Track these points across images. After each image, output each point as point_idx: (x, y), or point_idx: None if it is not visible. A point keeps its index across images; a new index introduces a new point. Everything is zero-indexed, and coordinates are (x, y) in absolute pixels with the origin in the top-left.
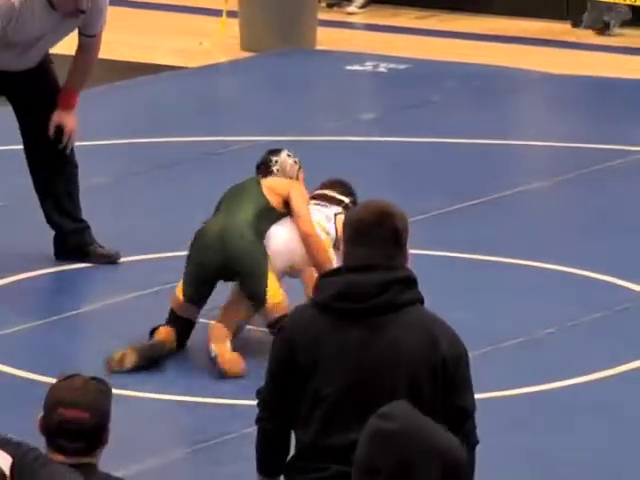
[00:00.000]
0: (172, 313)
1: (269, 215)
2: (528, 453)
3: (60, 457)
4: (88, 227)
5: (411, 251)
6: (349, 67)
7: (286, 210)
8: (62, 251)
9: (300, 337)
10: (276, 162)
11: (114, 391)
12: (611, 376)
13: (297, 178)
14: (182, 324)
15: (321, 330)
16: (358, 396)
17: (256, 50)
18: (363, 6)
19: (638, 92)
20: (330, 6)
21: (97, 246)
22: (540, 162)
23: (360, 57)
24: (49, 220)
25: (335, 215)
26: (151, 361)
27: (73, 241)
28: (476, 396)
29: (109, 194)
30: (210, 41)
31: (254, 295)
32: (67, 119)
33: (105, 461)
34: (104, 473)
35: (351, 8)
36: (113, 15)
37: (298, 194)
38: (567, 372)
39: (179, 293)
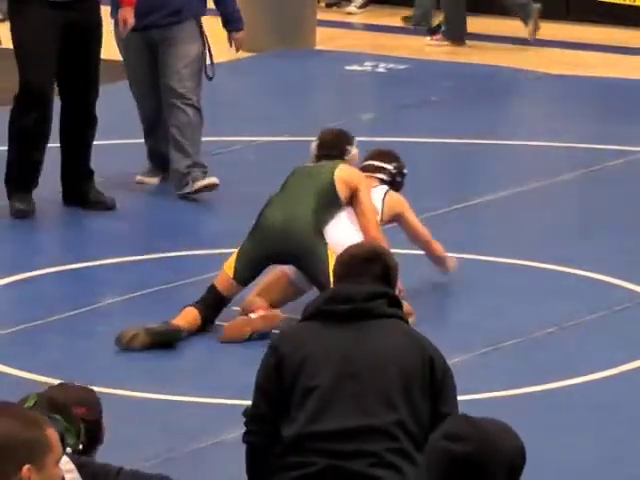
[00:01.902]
0: (212, 290)
1: (333, 206)
2: (527, 453)
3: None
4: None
5: (411, 251)
6: (348, 67)
7: (349, 202)
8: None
9: (286, 343)
10: (348, 152)
11: (114, 391)
12: (611, 376)
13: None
14: (217, 303)
15: (308, 333)
16: (347, 385)
17: (255, 50)
18: (362, 6)
19: (638, 92)
20: (329, 6)
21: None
22: (539, 162)
23: (359, 57)
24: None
25: (385, 194)
26: (162, 346)
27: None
28: (476, 396)
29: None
30: (209, 41)
31: (320, 286)
32: (129, 15)
33: (103, 460)
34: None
35: (350, 8)
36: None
37: (367, 192)
38: (567, 372)
39: (228, 270)
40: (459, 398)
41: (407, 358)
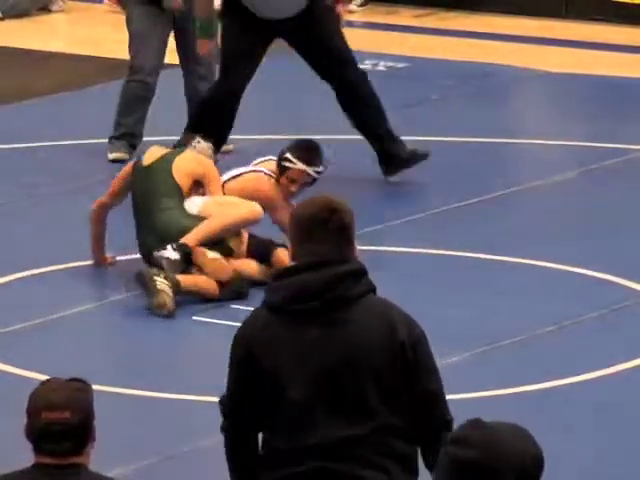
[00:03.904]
0: None
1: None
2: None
3: (49, 459)
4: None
5: (411, 250)
6: None
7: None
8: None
9: (257, 343)
10: (198, 142)
11: (115, 390)
12: (611, 375)
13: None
14: None
15: (278, 334)
16: (324, 395)
17: None
18: (362, 4)
19: (638, 91)
20: None
21: None
22: (540, 161)
23: (359, 55)
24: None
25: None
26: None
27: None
28: (475, 395)
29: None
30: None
31: None
32: None
33: (104, 460)
34: (95, 473)
35: (350, 6)
36: (112, 14)
37: (214, 176)
38: (567, 371)
39: None
40: (459, 397)
41: (379, 352)
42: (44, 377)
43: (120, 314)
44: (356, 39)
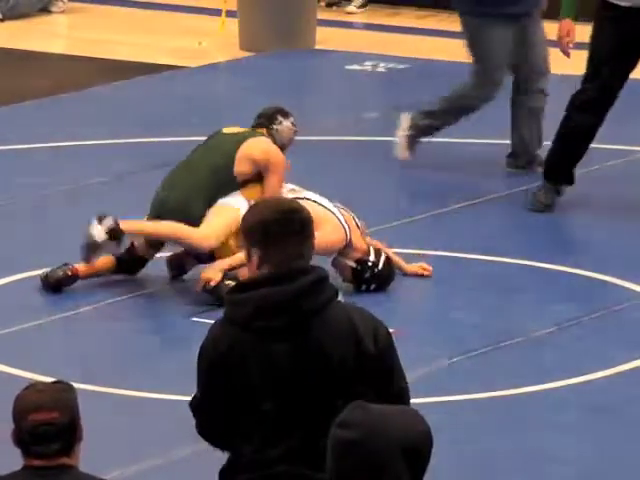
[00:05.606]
0: (129, 246)
1: (226, 188)
2: (527, 453)
3: (38, 462)
4: None
5: (411, 251)
6: (348, 67)
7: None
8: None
9: (227, 359)
10: (280, 123)
11: (114, 391)
12: (611, 376)
13: (285, 146)
14: (132, 258)
15: (248, 349)
16: (296, 406)
17: (255, 50)
18: (362, 5)
19: (638, 92)
20: (329, 5)
21: None
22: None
23: (359, 57)
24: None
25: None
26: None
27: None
28: (475, 396)
29: (108, 194)
30: (209, 41)
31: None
32: None
33: (105, 461)
34: (85, 474)
35: (350, 7)
36: (112, 15)
37: (276, 174)
38: (566, 372)
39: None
40: (458, 398)
41: (349, 360)
42: (44, 378)
43: (119, 315)
44: (357, 40)
